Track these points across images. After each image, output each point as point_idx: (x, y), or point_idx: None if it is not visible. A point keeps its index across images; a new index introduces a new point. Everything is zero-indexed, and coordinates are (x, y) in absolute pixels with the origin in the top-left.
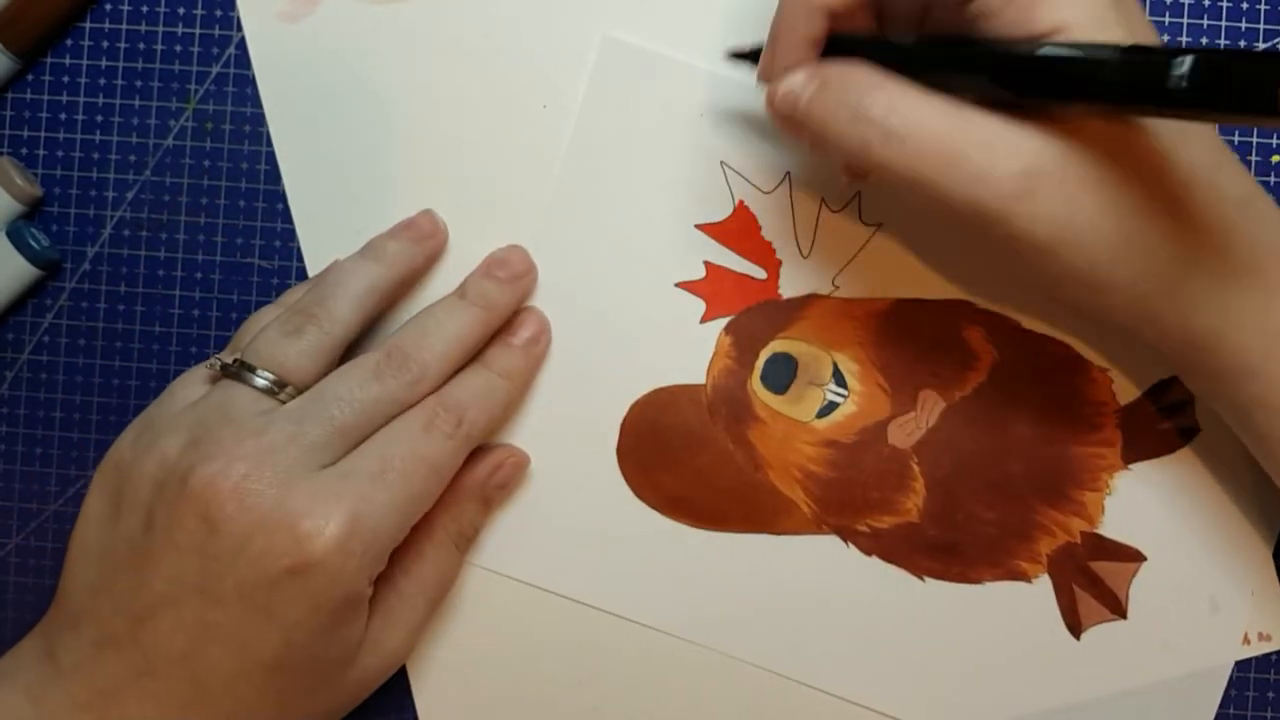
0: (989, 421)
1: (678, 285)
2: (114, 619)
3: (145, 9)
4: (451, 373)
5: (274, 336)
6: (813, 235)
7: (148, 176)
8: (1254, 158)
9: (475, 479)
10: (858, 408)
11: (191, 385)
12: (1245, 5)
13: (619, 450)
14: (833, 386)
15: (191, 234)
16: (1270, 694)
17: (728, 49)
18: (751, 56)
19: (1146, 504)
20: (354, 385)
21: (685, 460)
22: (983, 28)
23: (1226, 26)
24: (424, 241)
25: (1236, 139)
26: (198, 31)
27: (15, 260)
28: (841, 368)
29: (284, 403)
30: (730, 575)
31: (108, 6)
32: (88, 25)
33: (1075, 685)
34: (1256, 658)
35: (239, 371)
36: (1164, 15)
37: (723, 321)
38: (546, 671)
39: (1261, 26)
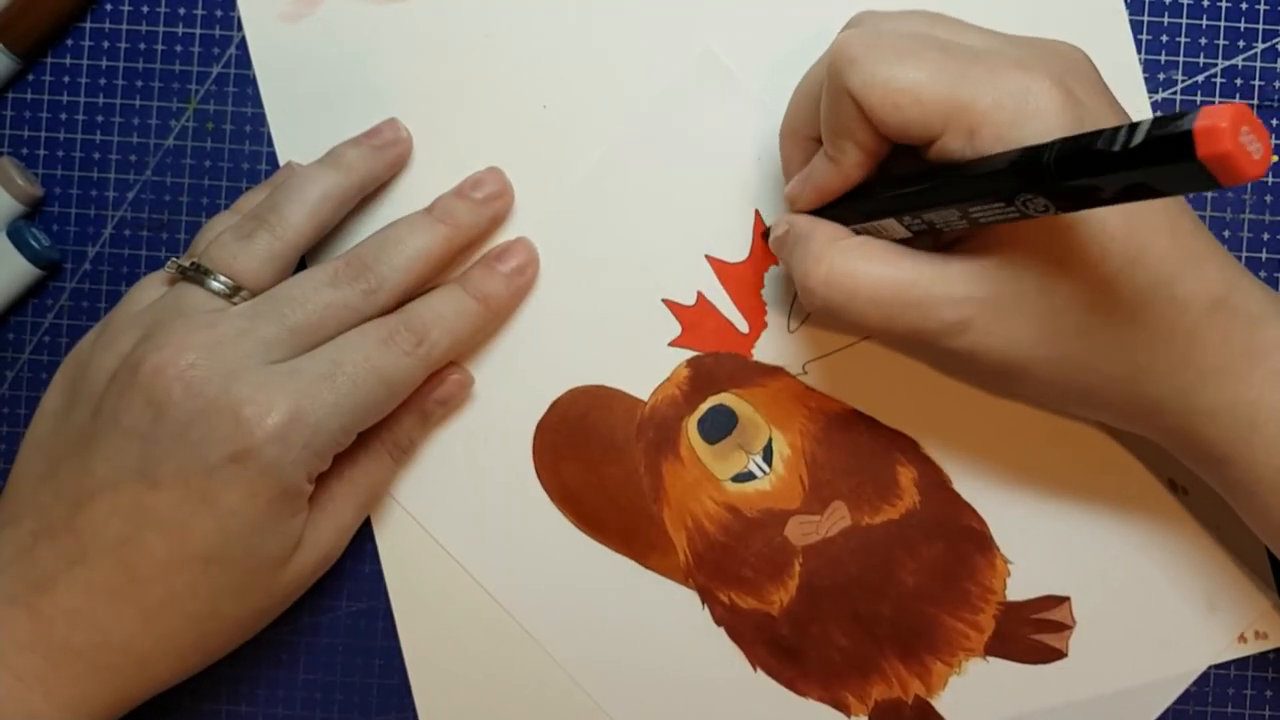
0: (881, 558)
1: (664, 300)
2: (54, 506)
3: (145, 9)
4: (412, 287)
5: (227, 240)
6: (804, 316)
7: (148, 176)
8: None
9: (417, 390)
10: (771, 489)
11: (149, 288)
12: (1245, 5)
13: (539, 425)
14: (758, 459)
15: (191, 234)
16: (1268, 692)
17: (762, 233)
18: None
19: (984, 696)
20: (309, 288)
21: (595, 461)
22: (944, 161)
23: (1226, 27)
24: (385, 149)
25: None
26: (198, 31)
27: (15, 260)
28: (774, 446)
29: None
30: (587, 584)
31: (108, 6)
32: (88, 25)
33: (1087, 683)
34: (1254, 656)
35: (195, 274)
36: (1163, 16)
37: (688, 354)
38: (547, 671)
39: (1261, 26)
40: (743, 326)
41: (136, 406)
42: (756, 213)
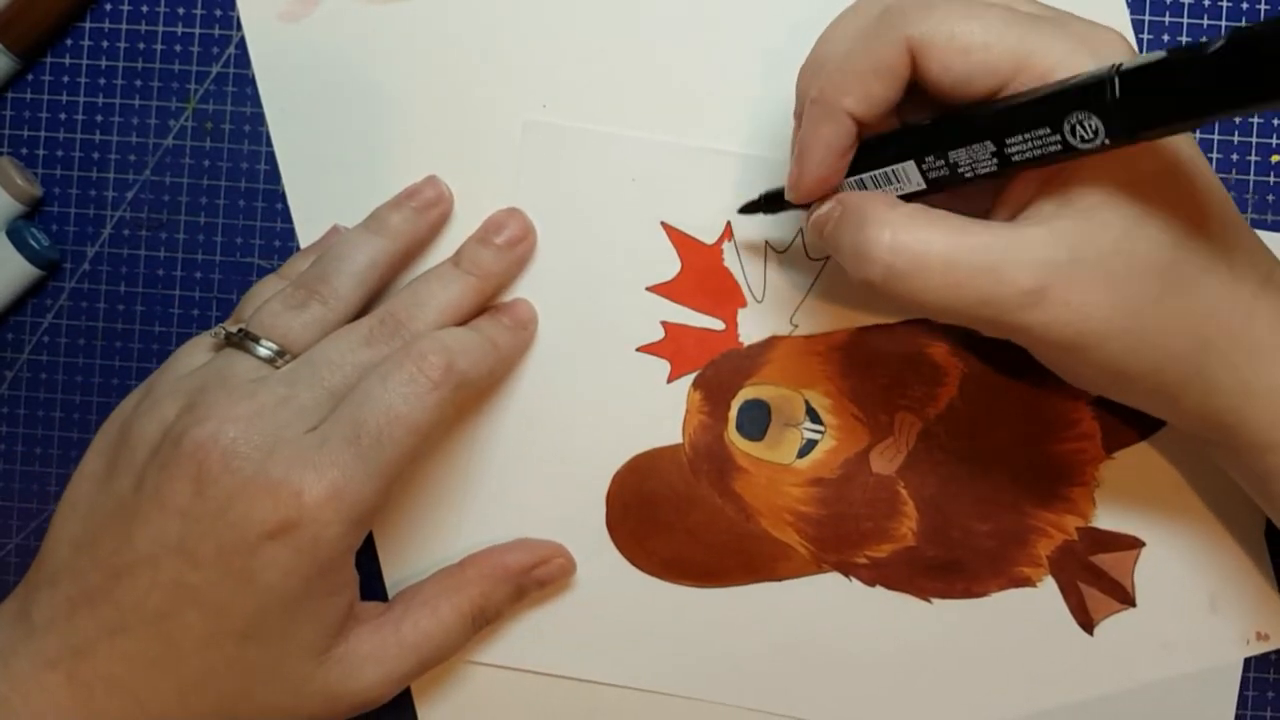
0: (967, 434)
1: (639, 349)
2: (92, 574)
3: (145, 9)
4: None
5: (278, 309)
6: (763, 279)
7: (148, 176)
8: (1254, 158)
9: (518, 565)
10: (837, 441)
11: (195, 353)
12: (1245, 5)
13: (609, 523)
14: (809, 425)
15: (191, 234)
16: (1270, 693)
17: (739, 207)
18: (762, 205)
19: (1136, 490)
20: (345, 350)
21: (676, 522)
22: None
23: (1226, 27)
24: (428, 211)
25: (1236, 139)
26: (198, 31)
27: (15, 260)
28: (814, 405)
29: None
30: (738, 627)
31: (108, 6)
32: (88, 25)
33: (1094, 680)
34: (1256, 657)
35: (242, 340)
36: (1164, 15)
37: (690, 378)
38: (547, 672)
39: None
40: (717, 326)
41: (179, 483)
42: (664, 225)
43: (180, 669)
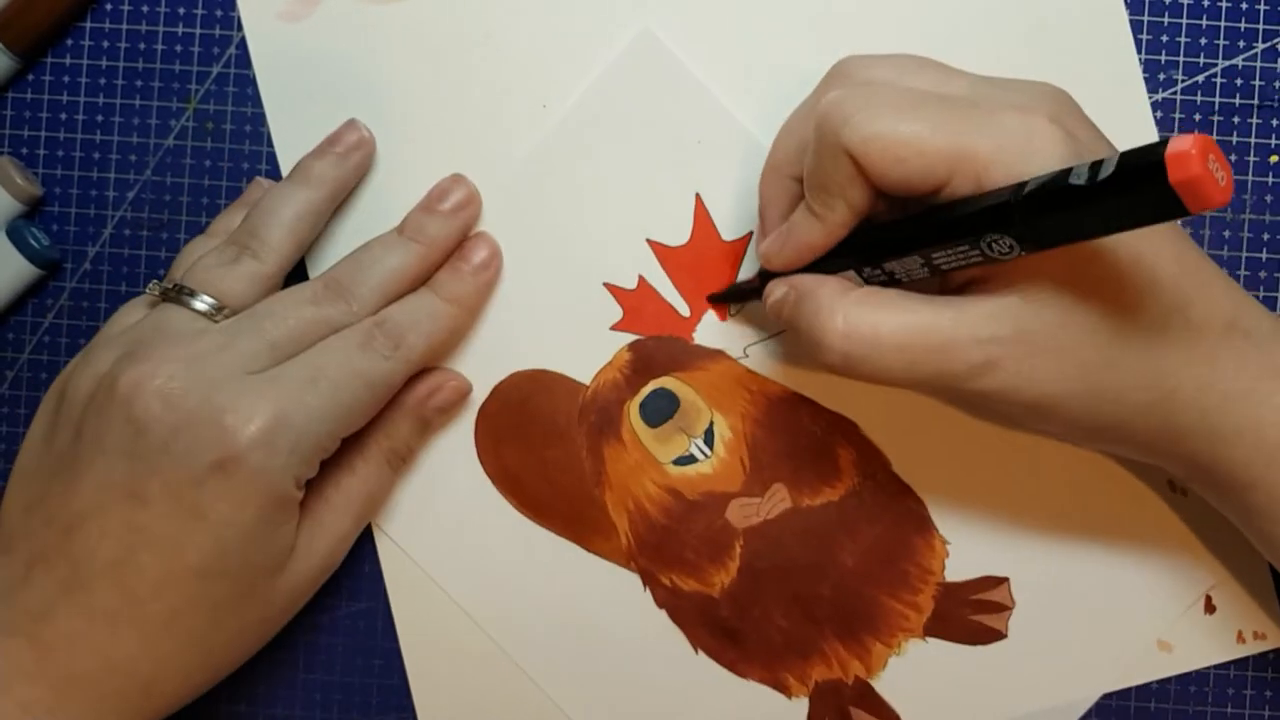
0: (821, 539)
1: (606, 285)
2: (45, 533)
3: (145, 9)
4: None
5: (211, 264)
6: (744, 301)
7: (148, 176)
8: (1253, 158)
9: (414, 397)
10: (713, 471)
11: (130, 313)
12: (1245, 5)
13: (481, 409)
14: (700, 443)
15: (191, 234)
16: (1268, 693)
17: (708, 296)
18: (728, 297)
19: (924, 677)
20: (289, 305)
21: (537, 445)
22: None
23: (1226, 27)
24: (350, 155)
25: (1235, 139)
26: (198, 31)
27: (15, 260)
28: (716, 429)
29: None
30: (530, 568)
31: (108, 6)
32: (88, 25)
33: None
34: (1255, 656)
35: (178, 295)
36: (1163, 16)
37: (631, 338)
38: (545, 671)
39: (1261, 26)
40: (684, 310)
41: (117, 425)
42: (698, 197)
43: (141, 616)
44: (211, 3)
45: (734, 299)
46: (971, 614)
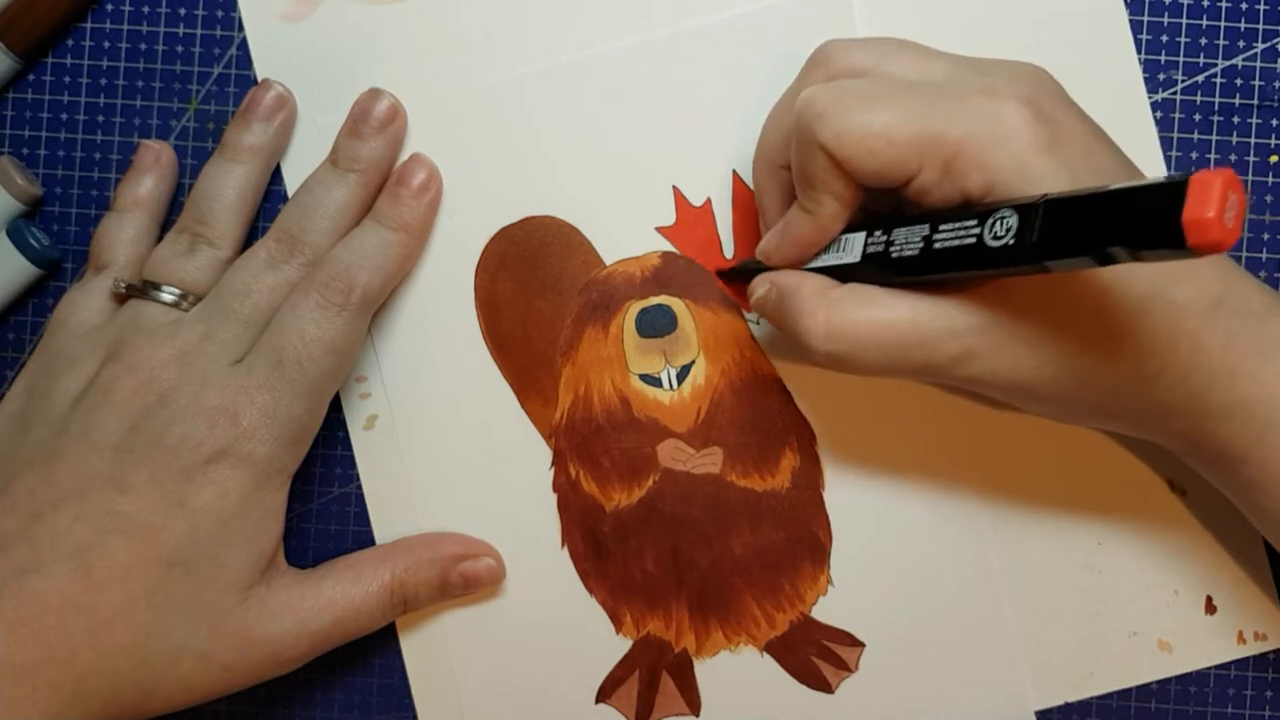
0: (725, 517)
1: (674, 187)
2: (5, 520)
3: (145, 9)
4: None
5: (168, 256)
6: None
7: None
8: (1253, 158)
9: (447, 552)
10: (669, 404)
11: (85, 310)
12: (1245, 5)
13: (504, 229)
14: (673, 372)
15: None
16: (1268, 693)
17: (716, 270)
18: (736, 275)
19: (741, 686)
20: (249, 278)
21: (532, 289)
22: (926, 203)
23: (1226, 27)
24: (273, 119)
25: (1235, 139)
26: (198, 32)
27: (15, 260)
28: (693, 370)
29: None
30: (462, 392)
31: (108, 6)
32: (88, 25)
33: None
34: (1256, 657)
35: (145, 290)
36: (1163, 16)
37: (667, 247)
38: (545, 670)
39: (1261, 26)
40: (729, 251)
41: (111, 422)
42: (734, 173)
43: (95, 603)
44: (212, 3)
45: (740, 278)
46: (814, 655)
